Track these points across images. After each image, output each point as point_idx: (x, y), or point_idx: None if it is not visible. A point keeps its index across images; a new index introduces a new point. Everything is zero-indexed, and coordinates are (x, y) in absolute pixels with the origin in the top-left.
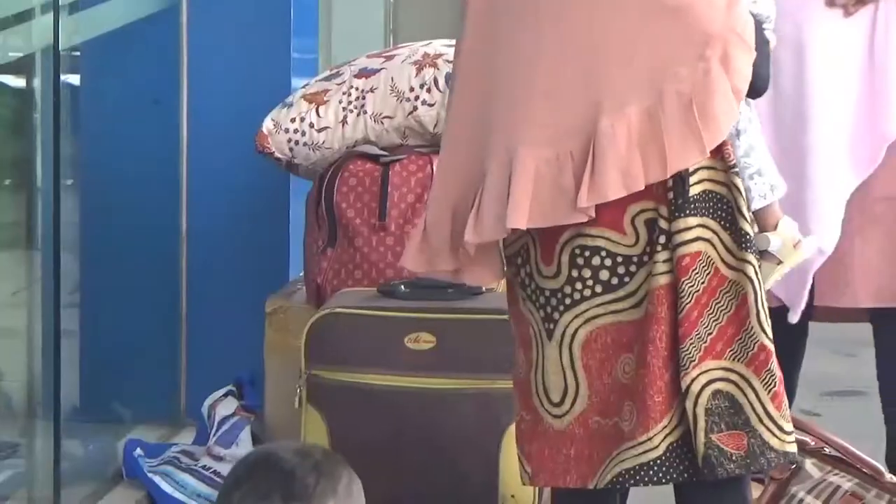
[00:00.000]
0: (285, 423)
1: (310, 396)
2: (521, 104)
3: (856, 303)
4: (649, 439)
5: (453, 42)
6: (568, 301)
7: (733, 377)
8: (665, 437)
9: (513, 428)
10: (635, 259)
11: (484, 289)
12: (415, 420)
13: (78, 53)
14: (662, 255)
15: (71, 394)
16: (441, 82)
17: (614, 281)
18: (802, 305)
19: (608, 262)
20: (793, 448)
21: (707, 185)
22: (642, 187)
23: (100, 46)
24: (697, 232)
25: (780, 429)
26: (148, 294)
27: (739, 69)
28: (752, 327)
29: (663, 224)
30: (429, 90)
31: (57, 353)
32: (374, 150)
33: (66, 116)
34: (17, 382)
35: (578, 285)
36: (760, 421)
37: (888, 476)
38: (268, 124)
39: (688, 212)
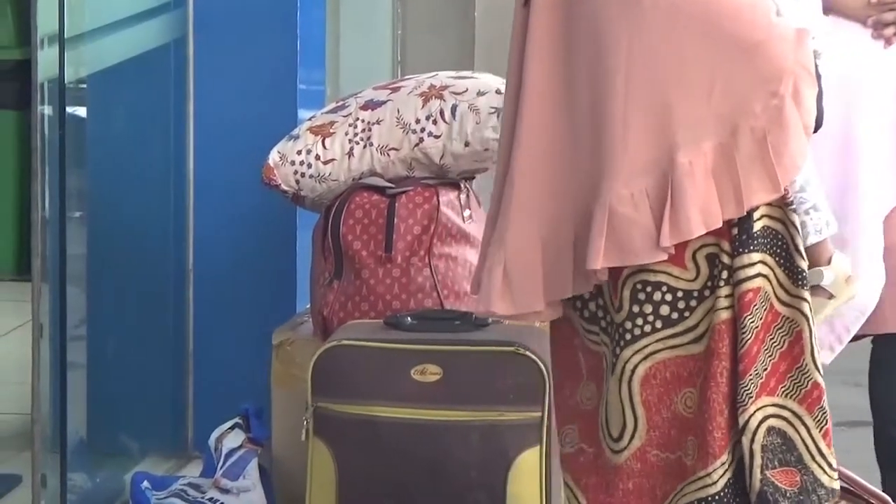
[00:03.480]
0: (292, 456)
1: (316, 429)
2: (597, 141)
3: (884, 328)
4: (708, 475)
5: (460, 73)
6: (628, 336)
7: (785, 413)
8: (723, 474)
9: (520, 460)
10: (696, 294)
11: (490, 321)
12: (421, 452)
13: (84, 86)
14: (725, 291)
15: (78, 426)
16: (447, 114)
17: (674, 316)
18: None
19: (668, 297)
20: (837, 485)
21: (766, 221)
22: (720, 224)
23: (106, 78)
24: (759, 268)
25: (830, 466)
26: (155, 326)
27: (808, 105)
28: (806, 364)
29: (725, 259)
30: (435, 122)
31: (63, 385)
32: (381, 182)
33: (73, 149)
34: (24, 415)
35: (639, 321)
36: (813, 458)
37: None
38: (274, 157)
39: (751, 247)
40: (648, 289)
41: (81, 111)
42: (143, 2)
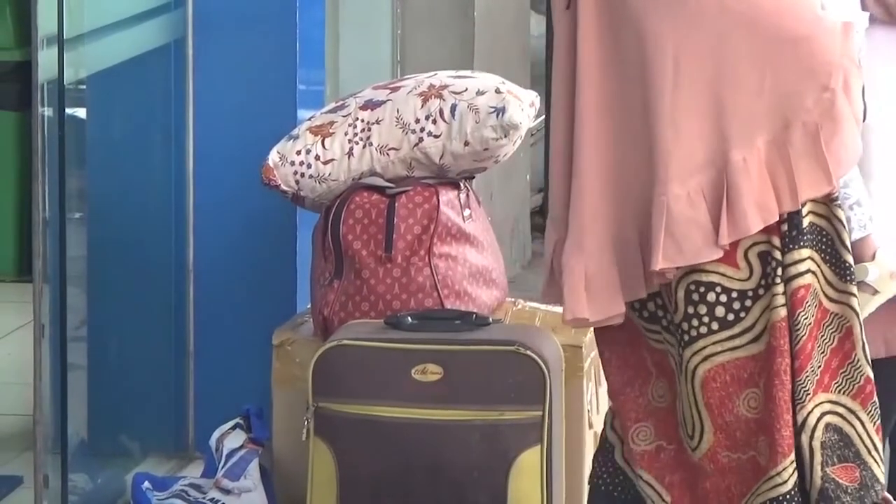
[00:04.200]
0: (293, 456)
1: (317, 429)
2: (651, 141)
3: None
4: (779, 473)
5: (459, 73)
6: (686, 338)
7: (840, 409)
8: (792, 472)
9: (521, 459)
10: (750, 293)
11: (491, 320)
12: (422, 452)
13: (84, 87)
14: (780, 288)
15: (79, 427)
16: (447, 114)
17: (730, 317)
18: None
19: (723, 297)
20: (886, 479)
21: (811, 218)
22: (777, 218)
23: (106, 79)
24: (808, 264)
25: (882, 460)
26: (155, 327)
27: (858, 98)
28: (858, 359)
29: (778, 256)
30: (434, 122)
31: (64, 386)
32: (380, 182)
33: (72, 150)
34: (25, 416)
35: (695, 322)
36: (869, 453)
37: None
38: (273, 157)
39: (801, 243)
40: (702, 289)
41: (81, 112)
42: (143, 2)
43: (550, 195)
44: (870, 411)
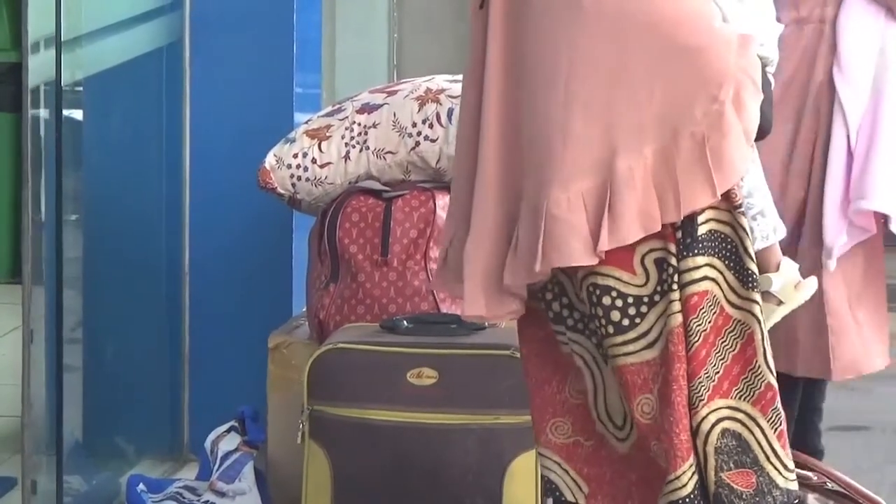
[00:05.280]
0: (288, 459)
1: (312, 432)
2: (540, 142)
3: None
4: (677, 478)
5: (456, 77)
6: (600, 332)
7: (739, 416)
8: (692, 476)
9: (516, 463)
10: (646, 299)
11: (487, 324)
12: (417, 455)
13: (80, 88)
14: (676, 294)
15: (74, 429)
16: (444, 118)
17: (625, 322)
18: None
19: (619, 302)
20: (795, 486)
21: (713, 225)
22: (658, 228)
23: (102, 81)
24: (705, 271)
25: (785, 467)
26: (151, 329)
27: (750, 112)
28: (759, 366)
29: (674, 262)
30: (431, 125)
31: (59, 388)
32: (377, 186)
33: (69, 151)
34: (20, 418)
35: (595, 323)
36: (768, 459)
37: None
38: (270, 160)
39: (696, 251)
40: (598, 292)
41: (78, 114)
42: (140, 5)
43: (452, 189)
44: (770, 418)
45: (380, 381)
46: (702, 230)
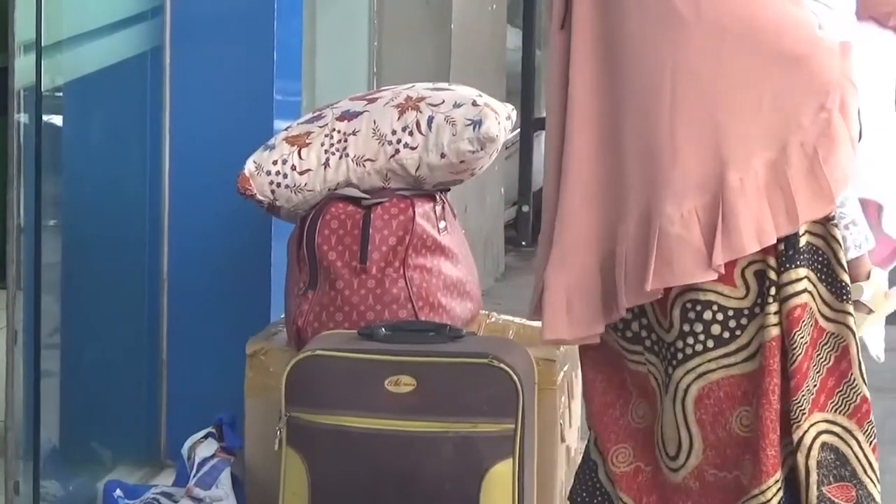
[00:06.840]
0: (265, 465)
1: (289, 438)
2: (648, 160)
3: None
4: (762, 492)
5: (436, 85)
6: (680, 356)
7: (836, 429)
8: (777, 491)
9: (493, 471)
10: (746, 312)
11: (464, 332)
12: (394, 463)
13: (60, 94)
14: (773, 307)
15: (51, 434)
16: (423, 126)
17: (726, 335)
18: None
19: (720, 316)
20: (880, 499)
21: (808, 238)
22: (774, 241)
23: (83, 87)
24: (804, 284)
25: (878, 479)
26: (128, 335)
27: (854, 118)
28: (854, 379)
29: (773, 275)
30: (411, 133)
31: (37, 392)
32: (356, 193)
33: (48, 157)
34: (2, 421)
35: (690, 340)
36: (865, 472)
37: None
38: (249, 166)
39: (797, 263)
40: (699, 308)
41: (57, 119)
42: (121, 11)
43: (543, 214)
44: (866, 430)
45: (358, 388)
46: (801, 242)
